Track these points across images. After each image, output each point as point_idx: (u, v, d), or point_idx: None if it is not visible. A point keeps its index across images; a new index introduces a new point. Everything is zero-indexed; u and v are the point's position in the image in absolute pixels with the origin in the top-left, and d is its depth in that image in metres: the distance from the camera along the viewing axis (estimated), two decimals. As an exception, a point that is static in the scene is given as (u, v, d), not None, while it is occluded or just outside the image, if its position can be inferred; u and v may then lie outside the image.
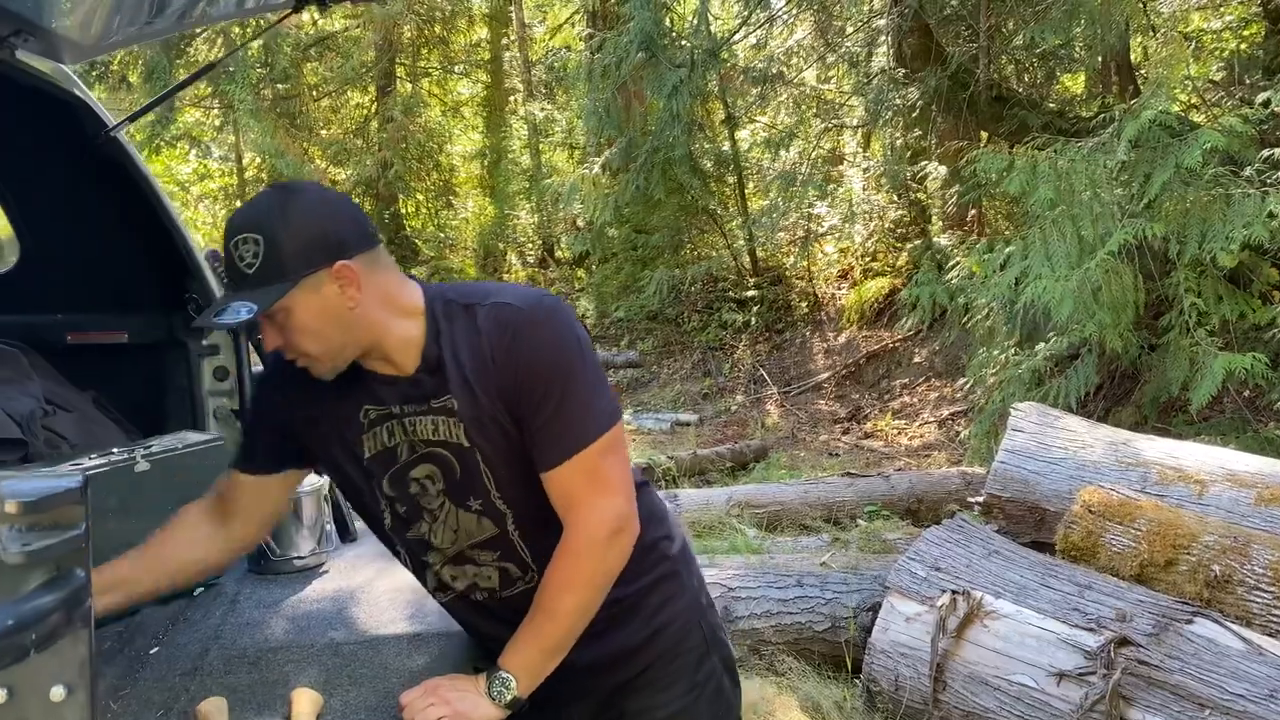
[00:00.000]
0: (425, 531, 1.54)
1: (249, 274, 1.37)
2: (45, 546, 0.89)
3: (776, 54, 10.59)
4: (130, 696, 1.64)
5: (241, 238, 1.37)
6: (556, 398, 1.43)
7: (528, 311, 1.45)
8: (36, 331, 2.47)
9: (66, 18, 2.05)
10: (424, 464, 1.49)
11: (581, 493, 1.46)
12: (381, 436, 1.51)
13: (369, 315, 1.44)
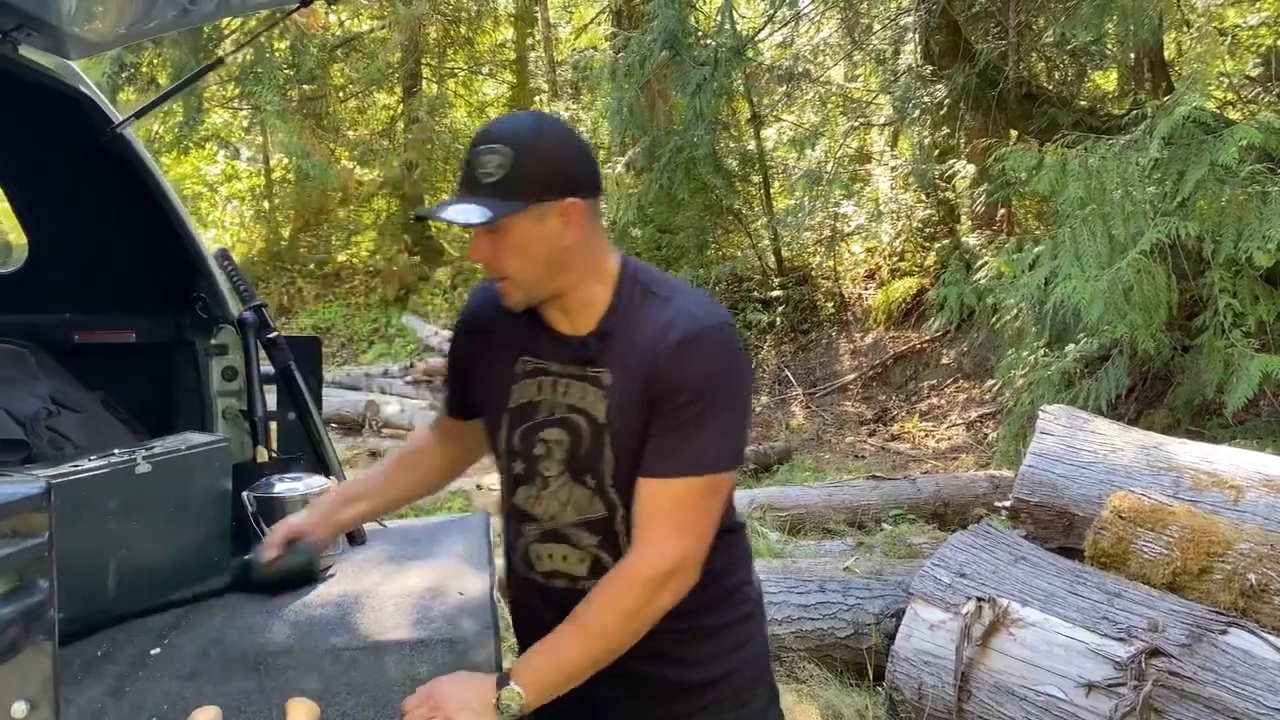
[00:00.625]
0: (532, 497, 1.53)
1: (486, 183, 1.38)
2: (4, 556, 0.84)
3: (803, 52, 10.50)
4: (126, 701, 1.61)
5: (490, 147, 1.39)
6: (691, 414, 1.42)
7: (707, 324, 1.45)
8: (44, 331, 2.45)
9: (71, 12, 2.02)
10: (557, 428, 1.49)
11: (663, 518, 1.43)
12: (530, 389, 1.52)
13: (575, 260, 1.46)
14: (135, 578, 1.94)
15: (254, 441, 2.46)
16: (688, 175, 9.28)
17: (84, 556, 1.84)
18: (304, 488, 2.26)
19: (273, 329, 2.53)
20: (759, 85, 10.77)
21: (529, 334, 1.54)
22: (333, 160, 14.16)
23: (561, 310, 1.51)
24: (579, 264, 1.47)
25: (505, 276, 1.46)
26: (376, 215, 15.71)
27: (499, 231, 1.41)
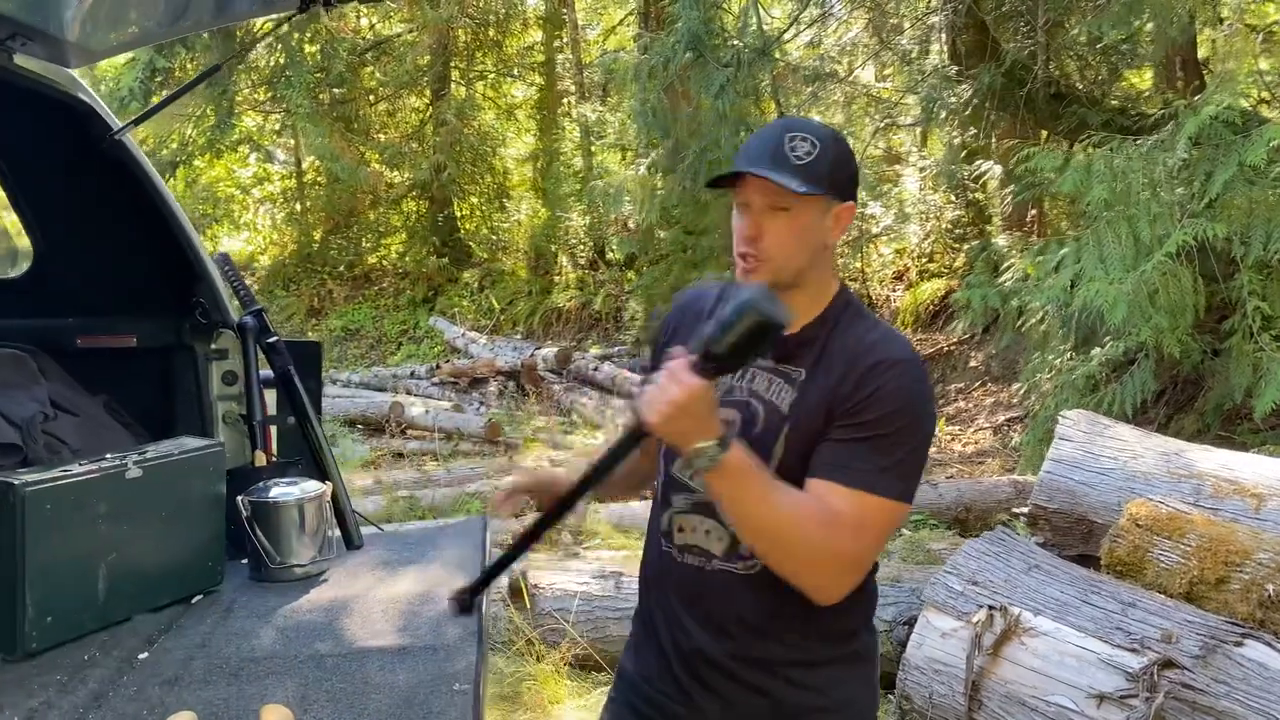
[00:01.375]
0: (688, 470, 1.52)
1: (798, 164, 1.42)
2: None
3: (830, 52, 10.43)
4: (107, 706, 1.62)
5: (802, 135, 1.45)
6: (878, 434, 1.41)
7: (910, 355, 1.49)
8: (48, 335, 2.48)
9: (69, 22, 2.05)
10: (730, 409, 1.50)
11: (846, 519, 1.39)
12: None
13: (824, 262, 1.53)
14: (126, 582, 1.96)
15: (253, 446, 2.47)
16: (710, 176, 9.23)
17: (72, 561, 1.86)
18: (299, 492, 2.26)
19: (273, 333, 2.54)
20: (787, 86, 10.70)
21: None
22: (362, 163, 14.26)
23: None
24: (824, 267, 1.54)
25: (767, 259, 1.46)
26: (406, 217, 15.80)
27: (790, 213, 1.45)
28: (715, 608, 1.54)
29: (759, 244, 1.46)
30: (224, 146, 14.01)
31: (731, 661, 1.53)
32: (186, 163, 13.89)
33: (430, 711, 1.56)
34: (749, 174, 1.44)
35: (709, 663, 1.55)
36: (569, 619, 3.97)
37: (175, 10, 2.10)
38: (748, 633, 1.52)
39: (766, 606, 1.51)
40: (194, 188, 15.38)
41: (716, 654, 1.54)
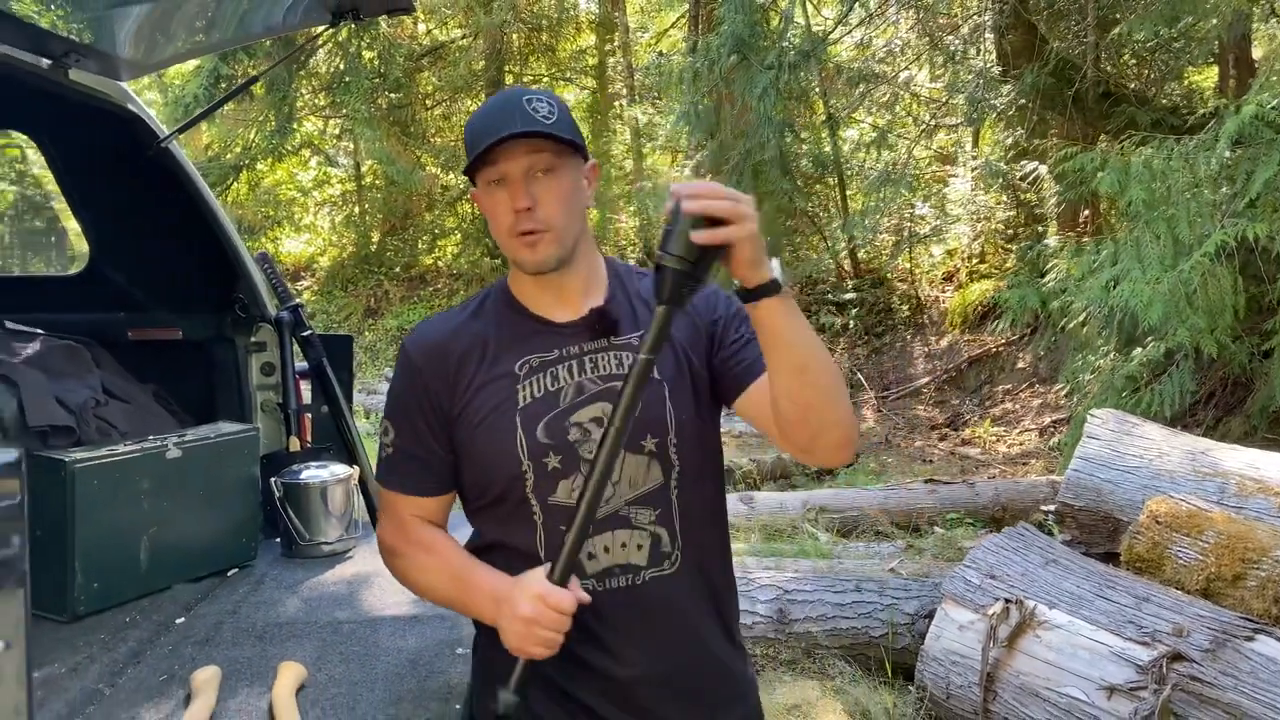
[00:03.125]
0: (578, 486, 1.36)
1: (547, 123, 1.34)
2: (-22, 513, 1.00)
3: (877, 53, 10.43)
4: (144, 662, 1.78)
5: (538, 96, 1.38)
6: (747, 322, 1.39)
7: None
8: (102, 328, 2.68)
9: (120, 39, 2.22)
10: (595, 403, 1.40)
11: None
12: (544, 382, 1.42)
13: (585, 224, 1.45)
14: (166, 553, 2.13)
15: (287, 432, 2.64)
16: (756, 178, 9.30)
17: (117, 532, 2.03)
18: (328, 475, 2.43)
19: (307, 328, 2.71)
20: (834, 87, 10.73)
21: (517, 339, 1.45)
22: (418, 166, 14.55)
23: (563, 290, 1.46)
24: (588, 233, 1.47)
25: (548, 228, 1.36)
26: (460, 219, 16.09)
27: (556, 173, 1.36)
28: (660, 622, 1.42)
29: (536, 213, 1.36)
30: (285, 151, 14.40)
31: (685, 675, 1.44)
32: (250, 166, 14.32)
33: (432, 671, 1.69)
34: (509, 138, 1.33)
35: (653, 683, 1.42)
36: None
37: (215, 26, 2.27)
38: (692, 633, 1.45)
39: (702, 599, 1.46)
40: (257, 191, 15.82)
41: (662, 672, 1.42)
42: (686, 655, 1.43)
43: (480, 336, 1.46)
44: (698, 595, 1.45)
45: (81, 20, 2.10)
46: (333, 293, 15.88)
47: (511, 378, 1.42)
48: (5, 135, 14.14)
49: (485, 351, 1.45)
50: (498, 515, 1.44)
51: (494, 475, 1.42)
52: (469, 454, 1.44)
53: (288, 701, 1.56)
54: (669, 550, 1.41)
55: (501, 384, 1.42)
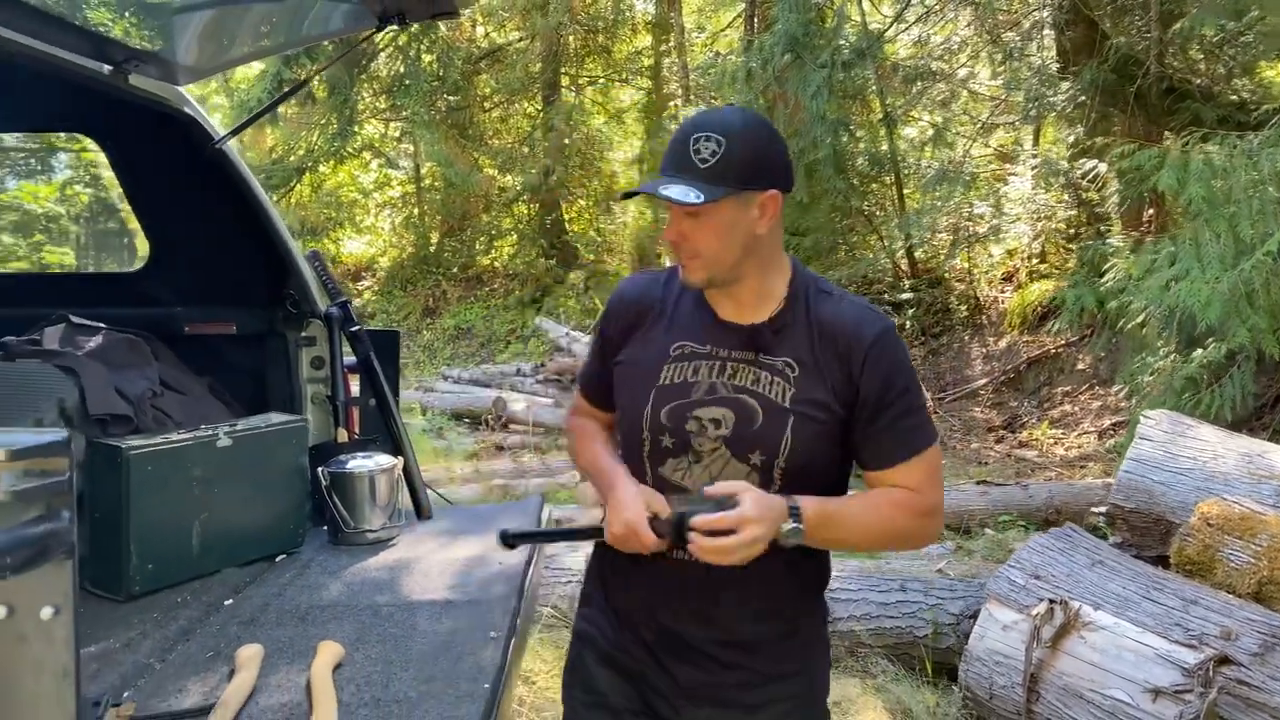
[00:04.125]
0: (684, 469, 1.55)
1: (702, 167, 1.45)
2: (29, 489, 1.07)
3: (935, 51, 10.32)
4: (193, 639, 1.86)
5: (705, 135, 1.47)
6: (906, 404, 1.53)
7: (888, 322, 1.58)
8: (160, 323, 2.80)
9: (177, 45, 2.32)
10: (719, 407, 1.53)
11: (924, 484, 1.55)
12: (684, 371, 1.57)
13: (763, 249, 1.54)
14: (217, 538, 2.22)
15: (335, 423, 2.72)
16: (810, 177, 9.27)
17: (170, 517, 2.12)
18: (374, 465, 2.50)
19: (356, 323, 2.79)
20: (891, 85, 10.64)
21: (687, 322, 1.60)
22: (475, 168, 14.74)
23: (734, 300, 1.58)
24: (765, 254, 1.55)
25: (696, 255, 1.51)
26: (516, 220, 16.26)
27: (704, 215, 1.47)
28: (710, 595, 1.57)
29: (683, 246, 1.51)
30: (347, 153, 14.68)
31: (722, 645, 1.58)
32: (312, 169, 14.63)
33: (464, 653, 1.75)
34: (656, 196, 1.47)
35: (695, 640, 1.59)
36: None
37: (267, 32, 2.36)
38: (739, 617, 1.58)
39: (756, 592, 1.57)
40: (319, 193, 16.16)
41: (705, 636, 1.59)
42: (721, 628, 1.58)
43: (662, 302, 1.65)
44: (751, 592, 1.57)
45: (141, 28, 2.20)
46: (392, 292, 16.16)
47: (664, 355, 1.60)
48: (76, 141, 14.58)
49: (658, 318, 1.64)
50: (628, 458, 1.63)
51: (624, 425, 1.64)
52: (617, 395, 1.67)
53: (325, 678, 1.63)
54: None
55: (656, 356, 1.60)
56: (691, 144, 1.46)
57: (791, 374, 1.53)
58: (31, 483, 1.08)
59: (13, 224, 15.84)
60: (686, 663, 1.61)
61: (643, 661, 1.64)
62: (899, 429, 1.53)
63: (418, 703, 1.57)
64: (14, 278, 7.32)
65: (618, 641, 1.66)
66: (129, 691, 1.63)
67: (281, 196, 14.05)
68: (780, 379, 1.53)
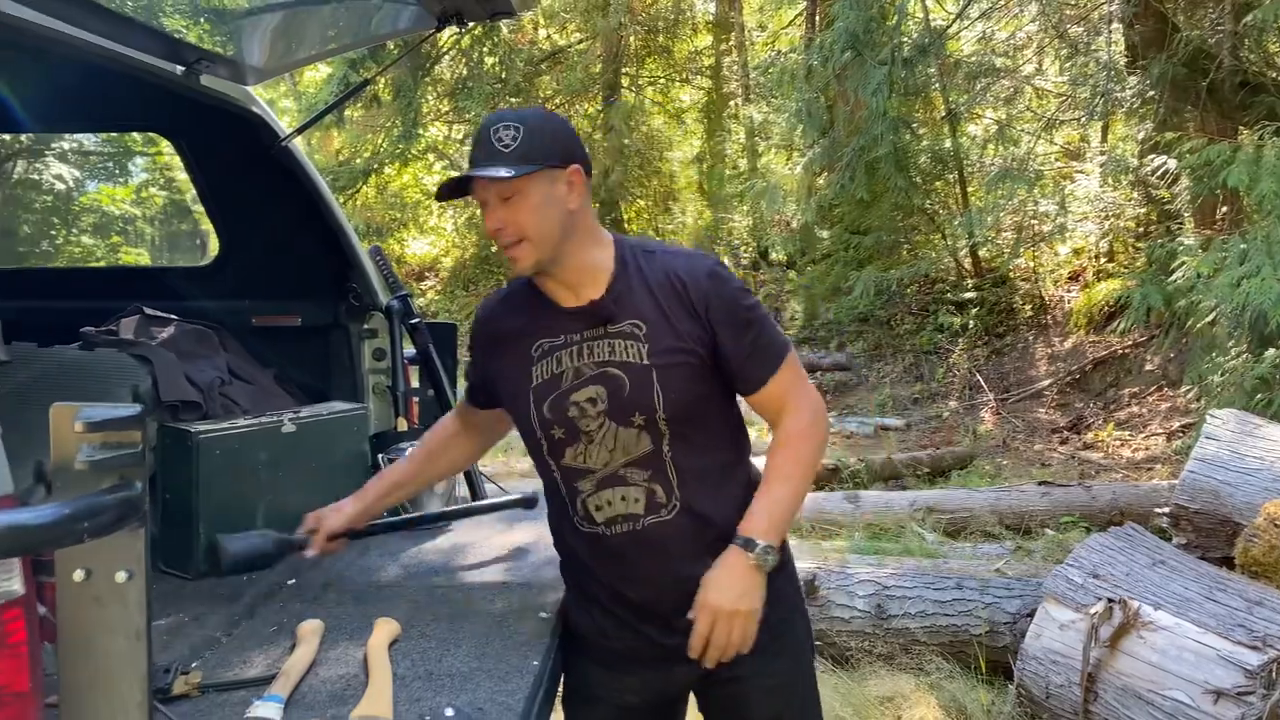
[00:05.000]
0: (580, 452, 1.67)
1: (505, 152, 1.57)
2: (104, 459, 1.14)
3: (999, 47, 10.18)
4: (257, 615, 1.94)
5: (504, 123, 1.60)
6: (755, 329, 1.69)
7: (712, 262, 1.72)
8: (229, 315, 2.90)
9: (246, 47, 2.41)
10: (590, 385, 1.65)
11: (790, 395, 1.72)
12: (550, 366, 1.69)
13: (579, 224, 1.66)
14: (281, 520, 2.29)
15: (395, 413, 2.80)
16: (869, 175, 9.20)
17: (236, 499, 2.21)
18: (431, 453, 2.57)
19: (416, 316, 2.87)
20: (954, 82, 10.51)
21: (537, 322, 1.71)
22: (536, 169, 14.84)
23: (566, 285, 1.69)
24: (581, 229, 1.66)
25: (522, 238, 1.61)
26: (574, 220, 16.34)
27: (518, 195, 1.59)
28: (659, 559, 1.68)
29: (506, 231, 1.60)
30: (411, 155, 14.93)
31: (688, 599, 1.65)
32: (378, 171, 14.91)
33: (515, 631, 1.81)
34: (469, 178, 1.59)
35: (664, 604, 1.69)
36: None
37: (330, 34, 2.44)
38: (691, 564, 1.66)
39: (698, 533, 1.68)
40: (384, 194, 16.45)
41: (670, 595, 1.68)
42: (685, 583, 1.65)
43: (509, 315, 1.77)
44: (694, 536, 1.67)
45: (211, 30, 2.29)
46: (455, 292, 16.39)
47: (529, 359, 1.71)
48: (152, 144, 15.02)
49: (511, 330, 1.75)
50: (536, 464, 1.76)
51: (522, 435, 1.76)
52: (510, 416, 1.80)
53: (381, 652, 1.69)
54: (665, 501, 1.66)
55: (523, 364, 1.71)
56: (492, 134, 1.58)
57: (640, 333, 1.64)
58: (107, 453, 1.15)
59: (92, 225, 16.41)
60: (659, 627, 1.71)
61: (622, 640, 1.75)
62: (759, 347, 1.68)
63: (469, 677, 1.62)
64: (93, 271, 7.61)
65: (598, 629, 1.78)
66: (197, 661, 1.71)
67: (348, 198, 14.34)
68: (633, 341, 1.65)
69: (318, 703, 1.54)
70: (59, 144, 14.55)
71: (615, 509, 1.67)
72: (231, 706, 1.53)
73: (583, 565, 1.77)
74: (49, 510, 1.09)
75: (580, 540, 1.74)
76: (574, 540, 1.76)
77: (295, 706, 1.53)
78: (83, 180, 16.12)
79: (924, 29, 9.58)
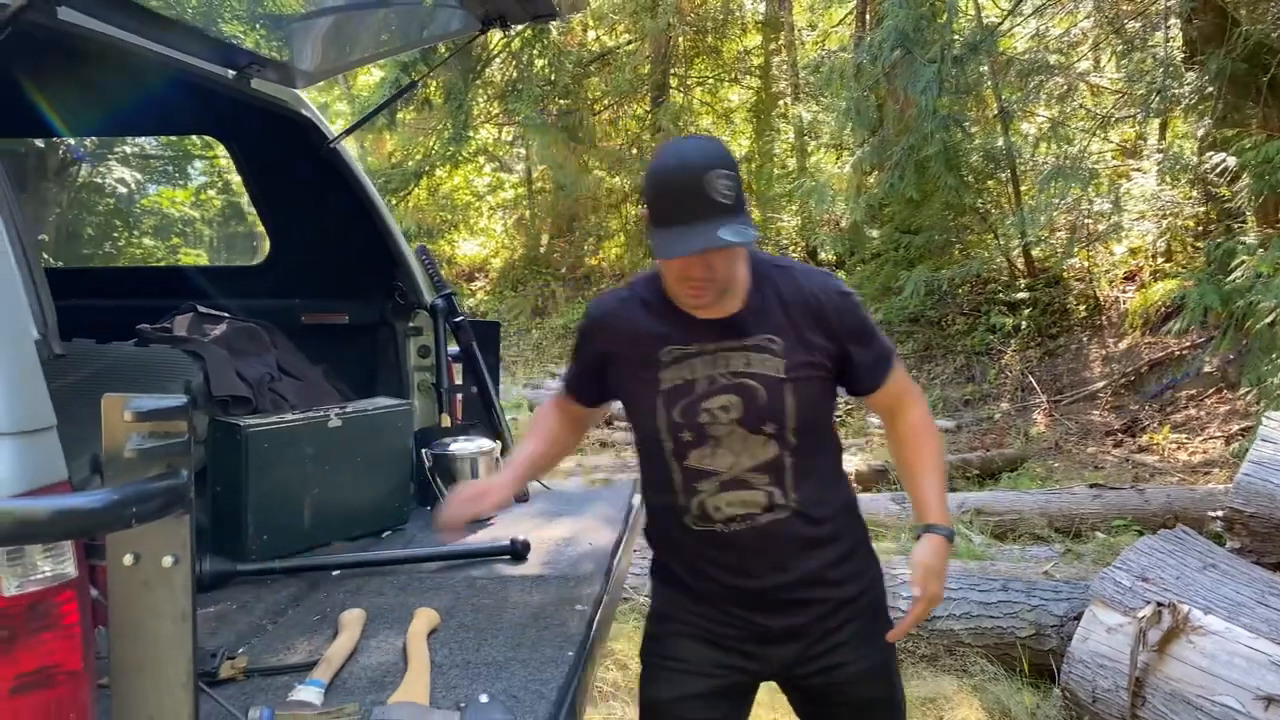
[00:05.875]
0: (707, 455, 1.70)
1: (727, 204, 1.52)
2: (152, 447, 1.18)
3: (1054, 43, 10.02)
4: (302, 603, 1.99)
5: (718, 171, 1.53)
6: (875, 337, 1.79)
7: (839, 280, 1.82)
8: (279, 313, 2.98)
9: (296, 51, 2.48)
10: (724, 395, 1.68)
11: (904, 390, 1.85)
12: (682, 372, 1.71)
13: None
14: (327, 513, 2.35)
15: (439, 409, 2.85)
16: (919, 174, 9.11)
17: (284, 492, 2.27)
18: (474, 448, 2.62)
19: (460, 314, 2.92)
20: (1006, 79, 10.36)
21: (667, 328, 1.71)
22: (584, 170, 14.96)
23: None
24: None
25: (726, 288, 1.64)
26: (624, 220, 16.43)
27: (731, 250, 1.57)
28: (770, 552, 1.73)
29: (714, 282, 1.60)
30: (462, 157, 15.09)
31: (796, 586, 1.74)
32: (429, 173, 15.09)
33: (551, 623, 1.84)
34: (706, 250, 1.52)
35: (774, 592, 1.75)
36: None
37: (377, 38, 2.50)
38: (798, 556, 1.74)
39: (807, 528, 1.74)
40: (436, 196, 16.65)
41: (781, 584, 1.74)
42: (791, 572, 1.74)
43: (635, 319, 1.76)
44: (804, 531, 1.74)
45: (261, 35, 2.36)
46: (503, 293, 16.53)
47: (657, 364, 1.72)
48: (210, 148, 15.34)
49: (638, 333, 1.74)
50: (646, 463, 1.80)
51: (640, 434, 1.78)
52: (627, 413, 1.80)
53: (420, 641, 1.73)
54: (782, 502, 1.72)
55: (650, 367, 1.72)
56: (711, 183, 1.51)
57: (775, 347, 1.69)
58: (155, 443, 1.20)
59: (153, 228, 16.82)
60: (775, 613, 1.76)
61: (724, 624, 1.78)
62: (879, 353, 1.78)
63: (505, 665, 1.66)
64: (149, 270, 7.82)
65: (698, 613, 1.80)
66: (243, 647, 1.77)
67: (400, 200, 14.54)
68: (769, 355, 1.68)
69: (358, 688, 1.59)
70: (121, 148, 14.94)
71: (734, 509, 1.72)
72: (275, 690, 1.58)
73: (691, 555, 1.79)
74: (100, 496, 1.14)
75: (691, 535, 1.77)
76: (682, 535, 1.78)
77: (336, 691, 1.57)
78: (144, 183, 16.53)
79: (976, 26, 9.47)
